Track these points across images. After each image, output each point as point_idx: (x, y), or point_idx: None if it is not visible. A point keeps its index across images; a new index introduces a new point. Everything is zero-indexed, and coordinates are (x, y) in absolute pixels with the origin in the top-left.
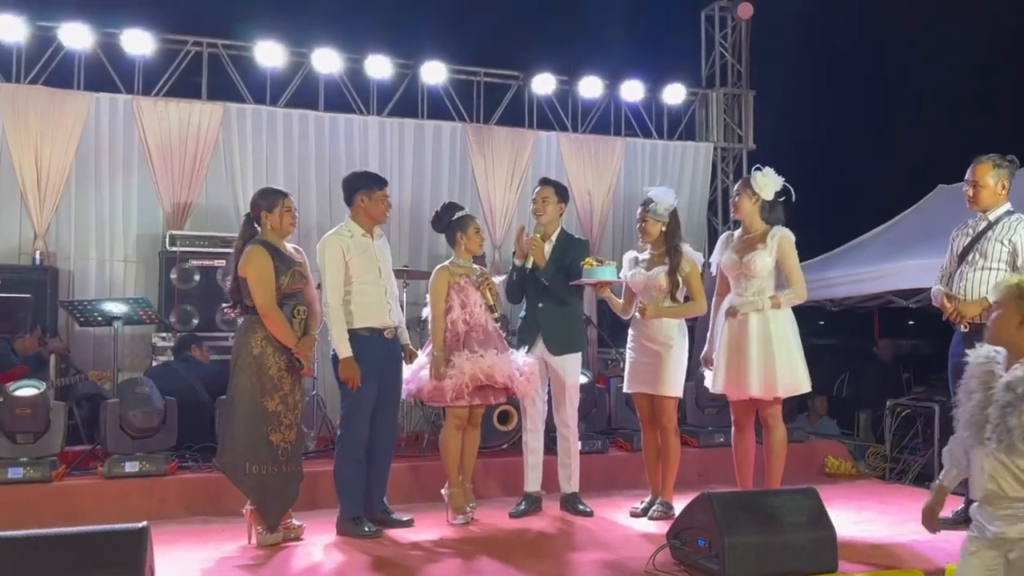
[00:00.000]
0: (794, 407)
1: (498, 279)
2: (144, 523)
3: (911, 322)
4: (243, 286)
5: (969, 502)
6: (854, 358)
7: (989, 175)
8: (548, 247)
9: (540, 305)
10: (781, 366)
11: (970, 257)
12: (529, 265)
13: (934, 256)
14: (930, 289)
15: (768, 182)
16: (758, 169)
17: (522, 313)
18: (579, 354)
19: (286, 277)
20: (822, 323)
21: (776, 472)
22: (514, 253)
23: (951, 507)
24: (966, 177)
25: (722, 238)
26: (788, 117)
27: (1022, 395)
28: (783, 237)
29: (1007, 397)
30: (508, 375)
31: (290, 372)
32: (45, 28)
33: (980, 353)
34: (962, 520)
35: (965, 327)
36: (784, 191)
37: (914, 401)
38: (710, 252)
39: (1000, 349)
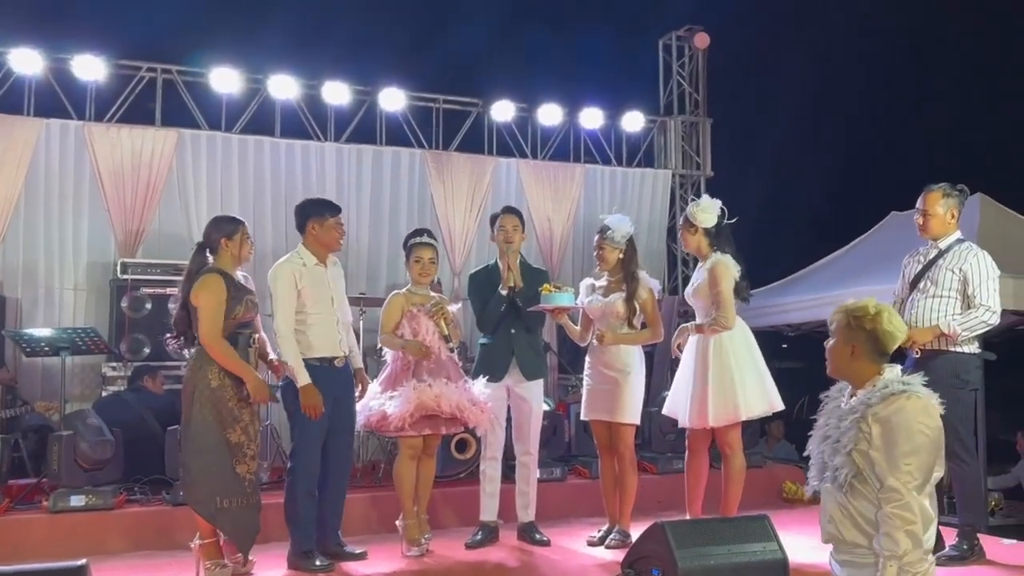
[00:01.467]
0: (755, 432)
1: (454, 307)
2: (84, 560)
3: None
4: (193, 315)
5: (964, 533)
6: (813, 381)
7: (939, 204)
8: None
9: (513, 331)
10: (713, 396)
11: (921, 284)
12: (505, 290)
13: (887, 282)
14: None
15: (706, 211)
16: (694, 200)
17: (483, 340)
18: (542, 381)
19: (241, 307)
20: (785, 346)
21: (734, 499)
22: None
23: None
24: (916, 206)
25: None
26: (745, 144)
27: (846, 430)
28: (715, 263)
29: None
30: (456, 404)
31: (246, 403)
32: None
33: (836, 387)
34: (958, 555)
35: (917, 353)
36: (725, 214)
37: None
38: (669, 279)
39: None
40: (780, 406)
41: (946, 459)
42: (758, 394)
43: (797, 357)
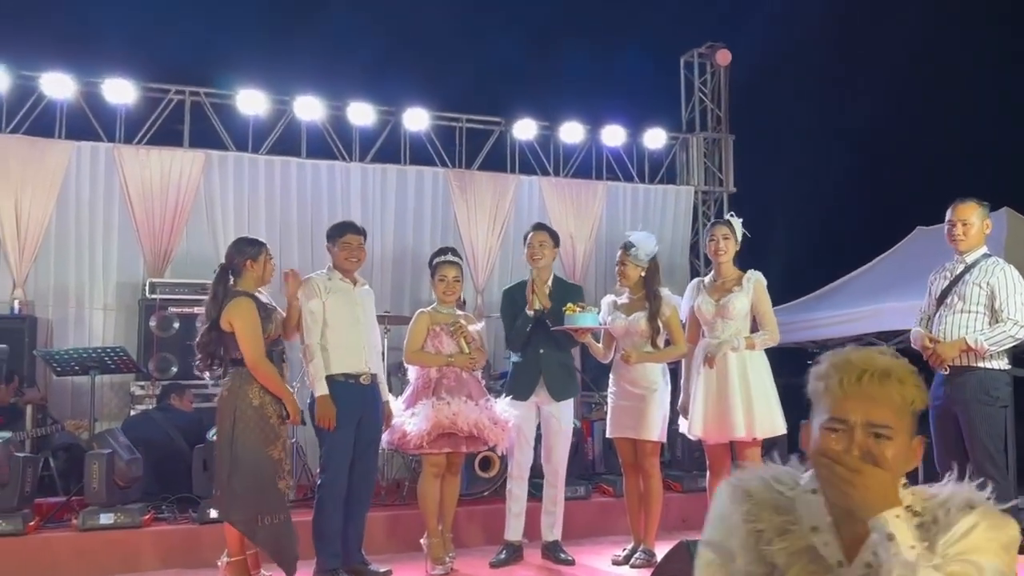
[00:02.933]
0: (783, 447)
1: (476, 327)
2: None
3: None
4: (227, 339)
5: None
6: None
7: (975, 214)
8: (544, 291)
9: (542, 351)
10: (760, 407)
11: (948, 300)
12: (534, 310)
13: (912, 299)
14: (910, 331)
15: (739, 226)
16: (731, 215)
17: (514, 359)
18: (572, 401)
19: (272, 325)
20: (809, 363)
21: None
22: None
23: None
24: (949, 218)
25: (692, 285)
26: (767, 160)
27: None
28: (759, 280)
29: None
30: (474, 423)
31: (283, 419)
32: (27, 78)
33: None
34: None
35: (945, 370)
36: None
37: None
38: None
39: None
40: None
41: (976, 476)
42: (782, 413)
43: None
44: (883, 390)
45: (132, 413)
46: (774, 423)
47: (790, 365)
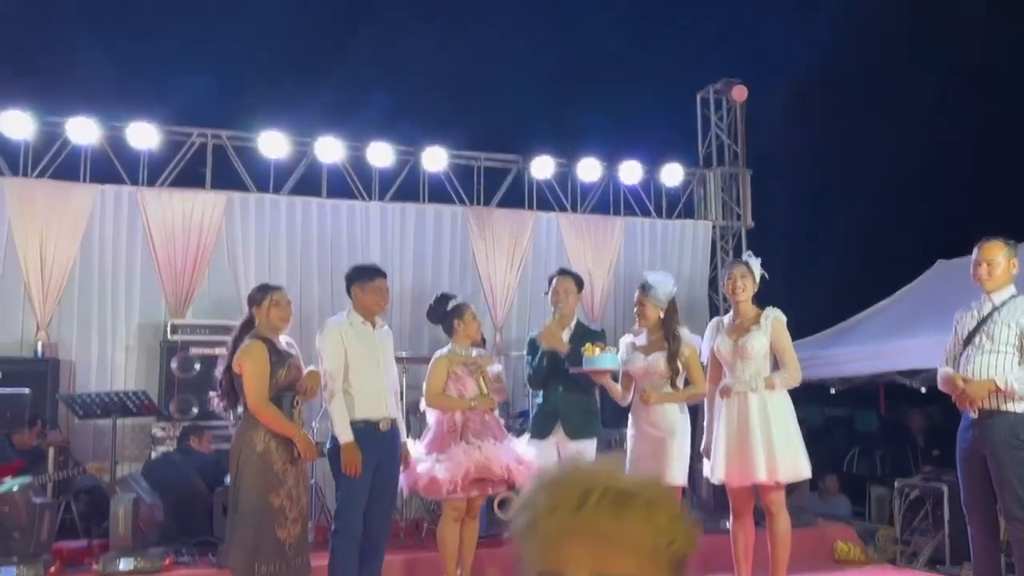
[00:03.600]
0: (805, 489)
1: (494, 368)
2: None
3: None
4: (237, 381)
5: None
6: (860, 432)
7: (1001, 254)
8: (566, 335)
9: (560, 390)
10: (782, 450)
11: (976, 340)
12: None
13: (936, 335)
14: (934, 369)
15: (757, 266)
16: (749, 254)
17: (538, 400)
18: (594, 441)
19: (283, 370)
20: (833, 391)
21: (781, 563)
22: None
23: None
24: (975, 258)
25: (712, 324)
26: (785, 194)
27: None
28: (777, 319)
29: None
30: (506, 465)
31: (293, 464)
32: (53, 123)
33: None
34: None
35: (974, 412)
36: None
37: (923, 481)
38: None
39: None
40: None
41: (1005, 521)
42: (807, 454)
43: (845, 404)
44: (620, 524)
45: (153, 455)
46: (797, 466)
47: (813, 396)
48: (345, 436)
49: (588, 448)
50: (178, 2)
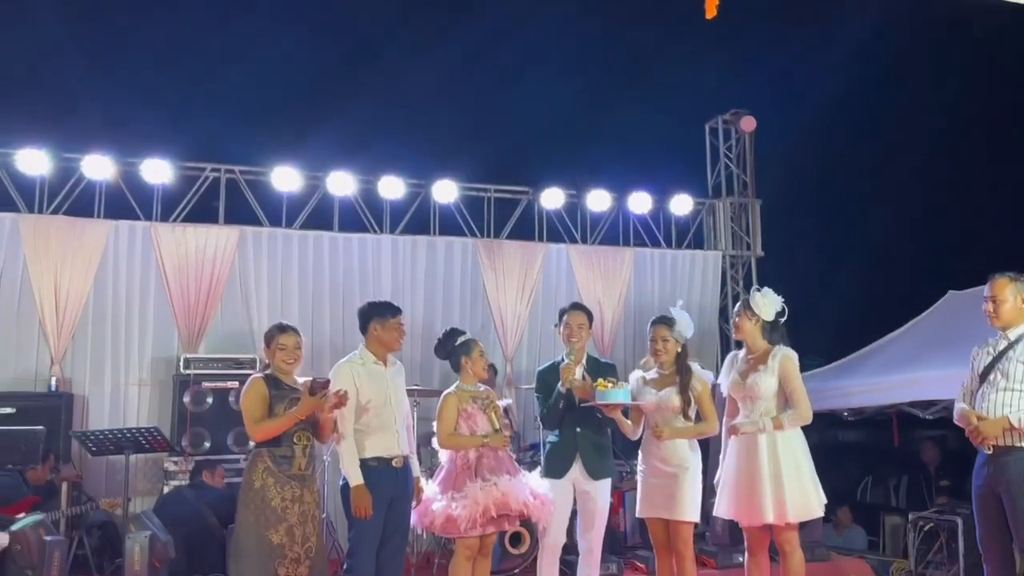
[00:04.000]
0: (817, 524)
1: (502, 403)
2: None
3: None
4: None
5: None
6: (874, 459)
7: (1008, 289)
8: (579, 370)
9: (578, 430)
10: (792, 490)
11: (991, 377)
12: (564, 388)
13: (949, 367)
14: (946, 401)
15: (767, 303)
16: (757, 290)
17: (551, 438)
18: (610, 480)
19: (283, 405)
20: (846, 414)
21: None
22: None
23: None
24: (984, 294)
25: (728, 358)
26: (795, 224)
27: None
28: (784, 356)
29: None
30: (522, 501)
31: (296, 503)
32: (68, 160)
33: None
34: None
35: (989, 449)
36: (785, 312)
37: (937, 514)
38: (721, 358)
39: None
40: (825, 500)
41: (1021, 557)
42: (820, 491)
43: (858, 429)
44: None
45: (165, 490)
46: (808, 505)
47: (821, 427)
48: (355, 478)
49: (604, 486)
50: (191, 40)
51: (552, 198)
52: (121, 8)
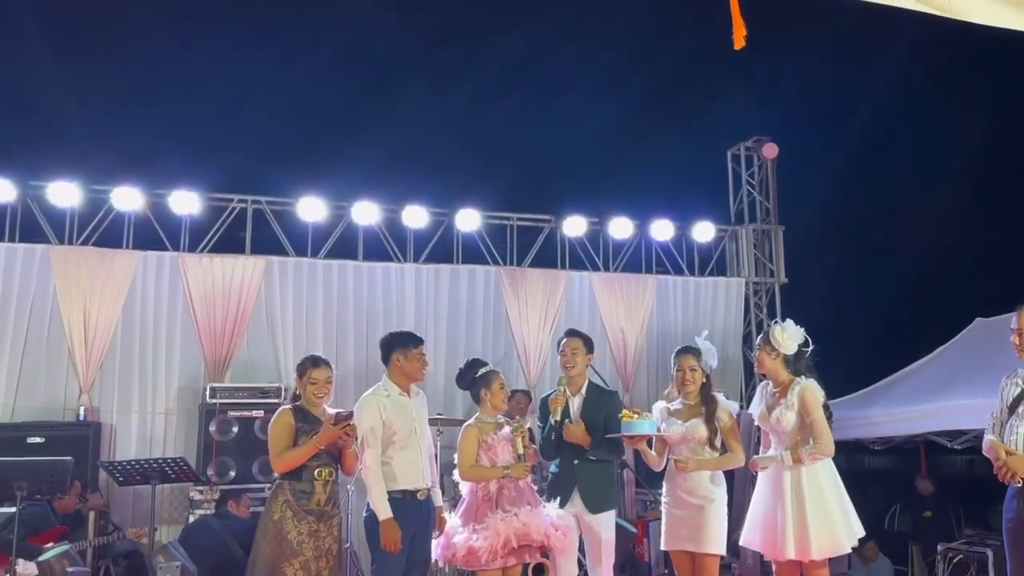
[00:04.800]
0: (843, 560)
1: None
2: None
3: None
4: None
5: None
6: (900, 487)
7: None
8: (578, 400)
9: (576, 462)
10: (816, 526)
11: (1020, 409)
12: (557, 420)
13: (977, 396)
14: (975, 431)
15: (788, 336)
16: (777, 323)
17: (553, 468)
18: (613, 512)
19: (307, 437)
20: (873, 444)
21: None
22: (537, 412)
23: None
24: (1011, 325)
25: (760, 388)
26: (819, 250)
27: None
28: (804, 388)
29: None
30: (544, 532)
31: (313, 537)
32: (98, 192)
33: None
34: None
35: (1018, 482)
36: (808, 343)
37: (967, 546)
38: (746, 387)
39: None
40: (863, 532)
41: None
42: (853, 523)
43: (887, 455)
44: None
45: (191, 519)
46: (834, 542)
47: (849, 454)
48: (384, 512)
49: (608, 519)
50: (218, 75)
51: (574, 226)
52: (150, 45)
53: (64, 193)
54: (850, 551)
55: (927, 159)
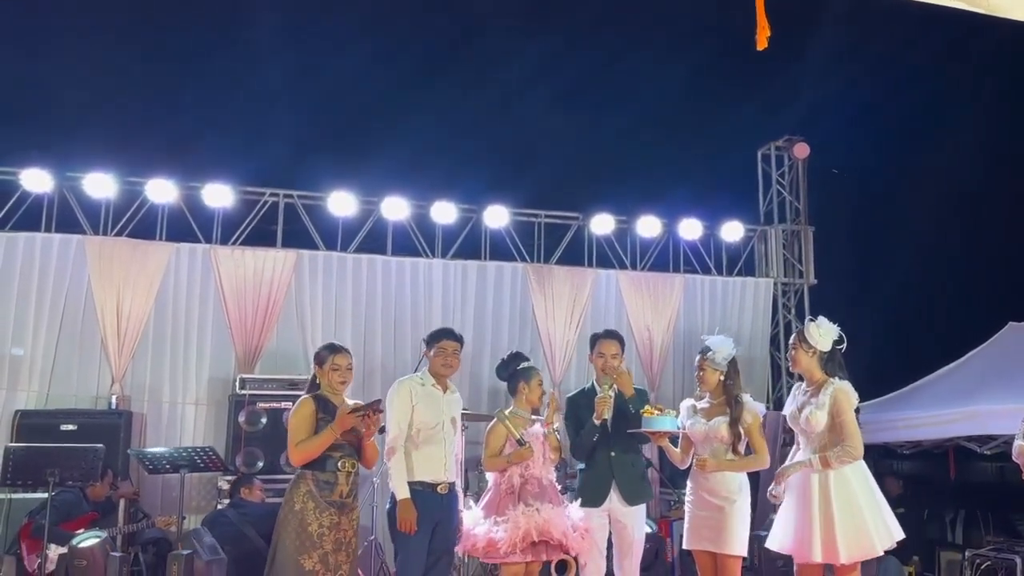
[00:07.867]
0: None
1: (555, 425)
2: None
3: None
4: None
5: None
6: (932, 494)
7: None
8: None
9: (613, 455)
10: (844, 530)
11: None
12: (599, 421)
13: (1010, 401)
14: (1006, 436)
15: (823, 333)
16: (812, 320)
17: (581, 466)
18: (645, 506)
19: (327, 428)
20: (902, 447)
21: None
22: (558, 415)
23: None
24: None
25: (794, 388)
26: (849, 251)
27: None
28: (838, 389)
29: None
30: (563, 531)
31: (333, 530)
32: (133, 183)
33: None
34: None
35: None
36: (843, 340)
37: (995, 552)
38: (773, 389)
39: None
40: (901, 535)
41: None
42: (886, 526)
43: (915, 460)
44: None
45: (218, 506)
46: (863, 544)
47: (877, 459)
48: (402, 493)
49: (639, 513)
50: (251, 70)
51: (602, 224)
52: (184, 40)
53: (100, 184)
54: (882, 553)
55: (961, 159)
